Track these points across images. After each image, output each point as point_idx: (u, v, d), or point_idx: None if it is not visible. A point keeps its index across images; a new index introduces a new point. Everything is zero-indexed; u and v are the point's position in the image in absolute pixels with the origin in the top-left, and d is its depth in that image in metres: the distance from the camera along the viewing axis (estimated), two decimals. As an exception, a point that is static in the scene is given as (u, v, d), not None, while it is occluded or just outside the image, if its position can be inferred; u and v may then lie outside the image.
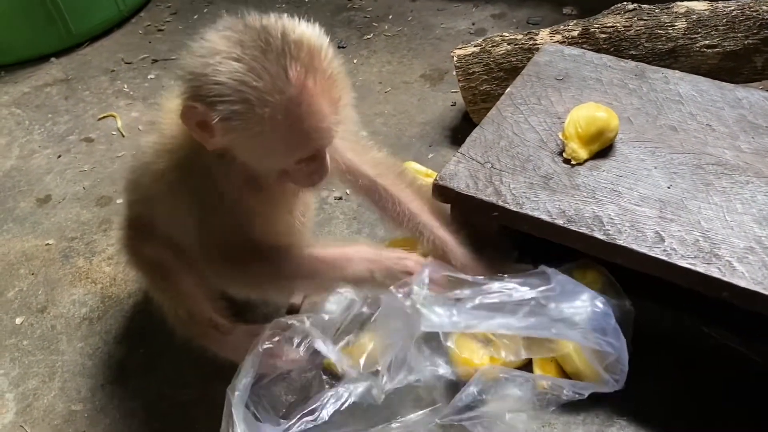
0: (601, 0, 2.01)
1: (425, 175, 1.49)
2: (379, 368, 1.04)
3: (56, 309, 1.37)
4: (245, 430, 0.94)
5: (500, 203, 1.10)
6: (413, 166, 1.52)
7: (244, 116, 0.83)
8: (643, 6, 1.50)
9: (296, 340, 1.04)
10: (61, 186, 1.69)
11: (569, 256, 1.17)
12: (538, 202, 1.09)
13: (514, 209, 1.08)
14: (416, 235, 1.14)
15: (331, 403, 1.04)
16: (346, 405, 1.04)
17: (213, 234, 1.01)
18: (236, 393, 0.96)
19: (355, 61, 2.00)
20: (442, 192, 1.16)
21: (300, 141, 0.89)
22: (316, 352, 1.05)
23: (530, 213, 1.07)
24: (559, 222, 1.05)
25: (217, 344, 1.15)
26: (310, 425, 1.01)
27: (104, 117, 1.90)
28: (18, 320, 1.36)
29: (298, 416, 1.02)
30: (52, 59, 2.20)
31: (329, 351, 1.04)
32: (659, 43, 1.45)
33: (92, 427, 1.16)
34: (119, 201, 1.57)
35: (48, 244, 1.52)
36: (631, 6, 1.50)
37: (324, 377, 1.10)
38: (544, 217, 1.07)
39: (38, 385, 1.23)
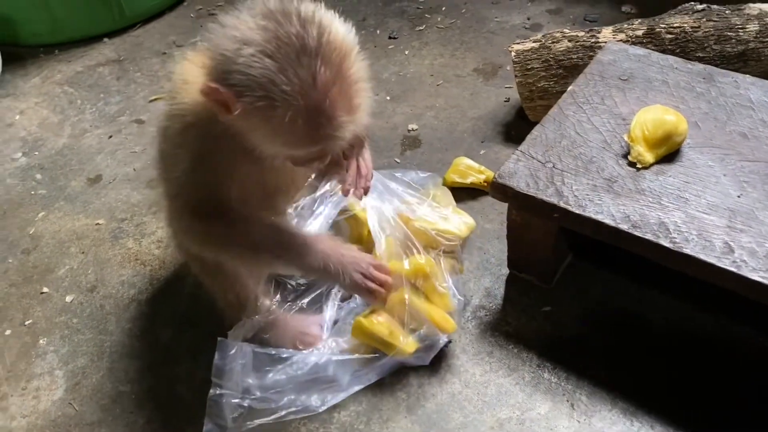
0: (661, -1, 1.97)
1: (478, 171, 1.47)
2: None
3: (105, 289, 1.38)
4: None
5: (562, 204, 1.07)
6: (465, 161, 1.50)
7: (266, 112, 0.85)
8: (713, 7, 1.45)
9: None
10: (111, 166, 1.70)
11: (626, 260, 1.15)
12: (602, 206, 1.06)
13: (577, 211, 1.06)
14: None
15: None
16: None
17: (194, 187, 1.02)
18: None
19: (406, 52, 1.97)
20: (500, 190, 1.13)
21: (313, 142, 0.90)
22: None
23: (593, 216, 1.04)
24: (624, 227, 1.02)
25: (265, 330, 1.15)
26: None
27: (155, 99, 1.91)
28: (68, 298, 1.37)
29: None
30: (105, 39, 2.22)
31: None
32: (728, 45, 1.40)
33: (139, 408, 1.16)
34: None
35: (98, 223, 1.53)
36: (700, 6, 1.45)
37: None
38: (608, 221, 1.04)
39: (87, 363, 1.24)
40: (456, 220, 1.18)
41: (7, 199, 1.63)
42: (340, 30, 0.88)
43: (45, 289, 1.39)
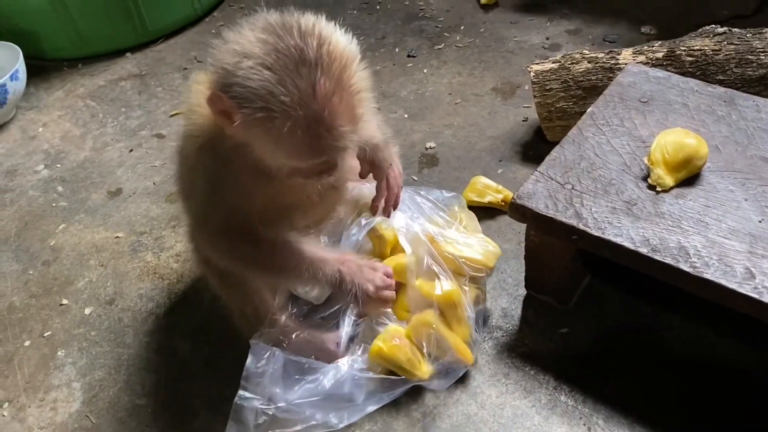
0: (680, 21, 1.98)
1: (495, 191, 1.47)
2: None
3: (124, 302, 1.39)
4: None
5: (581, 227, 1.07)
6: (483, 180, 1.50)
7: (265, 123, 0.85)
8: (734, 30, 1.44)
9: None
10: (132, 180, 1.72)
11: (645, 282, 1.14)
12: (621, 228, 1.05)
13: (596, 234, 1.05)
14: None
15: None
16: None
17: (214, 208, 1.04)
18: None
19: (425, 71, 1.98)
20: (519, 211, 1.13)
21: (315, 153, 0.90)
22: None
23: (612, 239, 1.04)
24: (643, 250, 1.02)
25: (281, 344, 1.16)
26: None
27: (176, 114, 1.93)
28: (87, 310, 1.38)
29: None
30: (128, 54, 2.25)
31: None
32: (750, 69, 1.40)
33: (155, 422, 1.17)
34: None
35: (118, 236, 1.55)
36: (720, 29, 1.45)
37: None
38: (627, 244, 1.03)
39: (104, 376, 1.25)
40: (484, 248, 1.18)
41: (29, 211, 1.65)
42: (341, 41, 0.89)
43: (64, 301, 1.41)
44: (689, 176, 1.12)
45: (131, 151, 1.82)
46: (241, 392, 1.06)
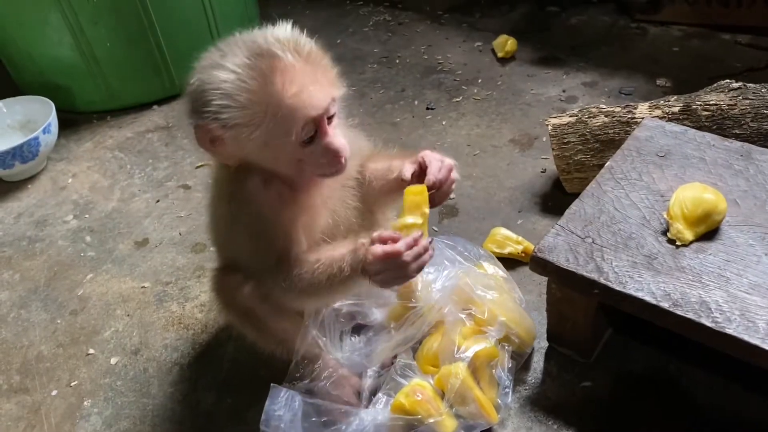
0: (695, 74, 2.01)
1: (515, 242, 1.49)
2: None
3: (149, 352, 1.41)
4: None
5: (602, 281, 1.08)
6: (503, 231, 1.52)
7: (228, 109, 0.91)
8: (749, 85, 1.47)
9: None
10: (158, 230, 1.75)
11: (667, 335, 1.14)
12: (642, 283, 1.06)
13: (617, 288, 1.06)
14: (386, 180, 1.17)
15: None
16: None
17: (263, 256, 1.05)
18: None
19: (444, 123, 2.02)
20: (540, 264, 1.15)
21: (287, 113, 0.92)
22: None
23: (634, 293, 1.05)
24: (664, 305, 1.03)
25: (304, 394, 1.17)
26: None
27: (201, 166, 1.98)
28: (113, 360, 1.40)
29: None
30: (155, 107, 2.32)
31: None
32: (765, 123, 1.42)
33: (179, 474, 1.18)
34: (213, 249, 1.62)
35: (144, 286, 1.58)
36: (736, 84, 1.47)
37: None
38: (649, 298, 1.04)
39: (129, 426, 1.26)
40: (529, 326, 1.24)
41: (58, 261, 1.69)
42: (278, 30, 0.96)
43: (91, 351, 1.43)
44: (708, 231, 1.13)
45: (158, 201, 1.87)
46: None
